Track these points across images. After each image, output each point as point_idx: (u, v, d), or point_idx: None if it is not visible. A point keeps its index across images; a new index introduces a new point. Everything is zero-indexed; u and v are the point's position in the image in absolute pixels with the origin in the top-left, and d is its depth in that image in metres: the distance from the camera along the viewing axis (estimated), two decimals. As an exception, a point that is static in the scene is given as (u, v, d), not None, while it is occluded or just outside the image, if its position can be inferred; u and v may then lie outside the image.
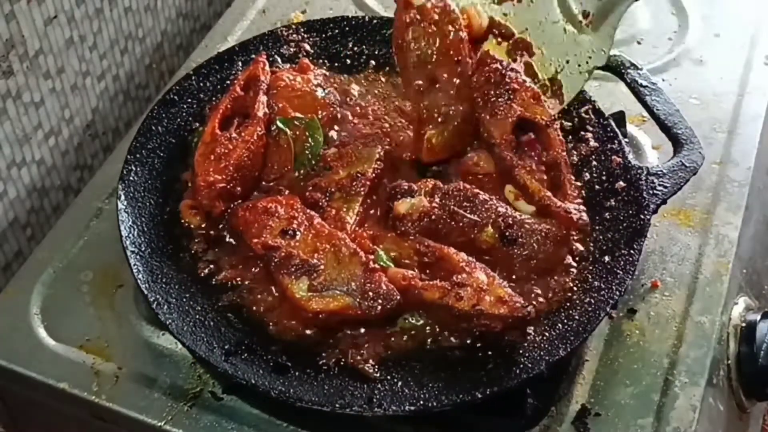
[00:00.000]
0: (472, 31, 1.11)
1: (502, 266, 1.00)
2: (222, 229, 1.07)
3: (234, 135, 1.09)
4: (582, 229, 1.04)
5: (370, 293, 0.95)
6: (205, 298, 1.01)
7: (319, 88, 1.16)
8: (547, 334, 0.96)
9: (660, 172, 1.09)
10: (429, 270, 0.99)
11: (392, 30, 1.09)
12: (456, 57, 1.08)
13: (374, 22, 1.28)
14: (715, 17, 1.44)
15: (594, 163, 1.12)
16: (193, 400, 1.00)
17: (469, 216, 1.02)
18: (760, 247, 1.26)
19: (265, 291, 1.01)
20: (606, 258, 1.03)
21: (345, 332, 0.97)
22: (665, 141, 1.14)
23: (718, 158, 1.24)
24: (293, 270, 0.98)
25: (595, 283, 1.00)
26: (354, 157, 1.09)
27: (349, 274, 0.97)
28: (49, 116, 1.22)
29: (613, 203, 1.08)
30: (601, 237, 1.05)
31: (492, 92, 1.07)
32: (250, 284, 1.02)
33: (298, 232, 1.00)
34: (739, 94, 1.32)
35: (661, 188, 1.08)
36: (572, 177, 1.09)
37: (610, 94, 1.21)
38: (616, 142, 1.13)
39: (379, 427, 0.98)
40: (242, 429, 0.98)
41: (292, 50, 1.24)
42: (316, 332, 0.98)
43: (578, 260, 1.03)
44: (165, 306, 0.99)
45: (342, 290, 0.96)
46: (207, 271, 1.04)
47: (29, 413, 1.13)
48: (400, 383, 0.94)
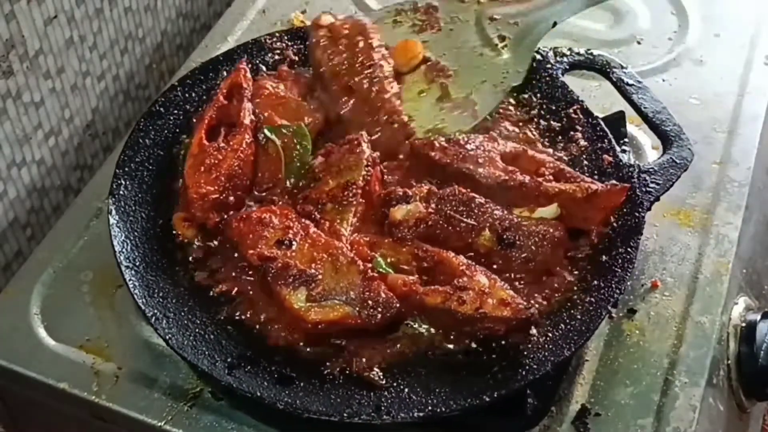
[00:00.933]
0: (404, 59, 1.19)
1: (501, 269, 1.00)
2: (216, 241, 1.05)
3: (222, 145, 1.08)
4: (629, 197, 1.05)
5: (370, 302, 0.94)
6: (204, 312, 1.00)
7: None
8: (550, 334, 0.96)
9: (651, 170, 1.09)
10: (428, 275, 0.99)
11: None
12: (368, 63, 1.15)
13: None
14: (715, 17, 1.44)
15: (585, 162, 1.12)
16: (193, 400, 1.00)
17: (466, 220, 1.02)
18: (760, 247, 1.26)
19: (263, 302, 1.00)
20: (604, 257, 1.02)
21: (347, 340, 0.96)
22: (665, 141, 1.14)
23: (718, 158, 1.24)
24: (291, 281, 0.97)
25: (595, 282, 1.00)
26: (341, 166, 1.07)
27: (347, 282, 0.96)
28: (49, 116, 1.22)
29: None
30: (596, 236, 1.04)
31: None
32: (248, 296, 1.01)
33: (294, 242, 0.99)
34: (739, 94, 1.32)
35: (653, 185, 1.08)
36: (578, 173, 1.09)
37: (609, 94, 1.21)
38: (605, 141, 1.13)
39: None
40: (242, 429, 0.98)
41: (276, 58, 1.23)
42: (318, 342, 0.97)
43: (577, 260, 1.03)
44: (164, 321, 0.98)
45: (341, 299, 0.95)
46: (204, 284, 1.03)
47: (29, 413, 1.13)
48: (406, 390, 0.93)
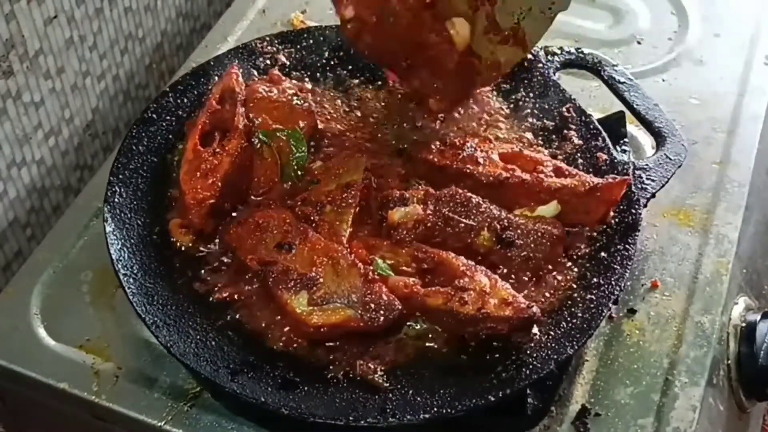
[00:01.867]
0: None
1: (501, 269, 1.00)
2: (214, 246, 1.05)
3: (217, 150, 1.08)
4: (628, 186, 1.05)
5: (372, 304, 0.94)
6: (204, 318, 1.00)
7: (294, 98, 1.15)
8: (552, 333, 0.96)
9: (646, 167, 1.10)
10: (428, 276, 0.98)
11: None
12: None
13: None
14: (715, 17, 1.44)
15: (580, 160, 1.12)
16: (193, 400, 1.00)
17: (464, 221, 1.02)
18: (760, 247, 1.26)
19: (263, 307, 0.99)
20: (602, 254, 1.03)
21: (350, 344, 0.96)
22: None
23: (718, 158, 1.24)
24: (291, 285, 0.96)
25: (594, 280, 1.01)
26: (341, 169, 1.07)
27: (348, 285, 0.96)
28: (49, 116, 1.22)
29: None
30: (595, 234, 1.05)
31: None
32: (248, 301, 1.00)
33: (293, 246, 0.99)
34: (739, 94, 1.32)
35: (649, 182, 1.09)
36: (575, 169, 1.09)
37: (609, 94, 1.21)
38: (600, 138, 1.13)
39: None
40: (242, 429, 0.98)
41: (267, 62, 1.23)
42: (320, 346, 0.96)
43: (576, 258, 1.03)
44: (164, 329, 0.97)
45: (342, 303, 0.95)
46: (203, 289, 1.02)
47: (29, 413, 1.13)
48: (411, 391, 0.93)
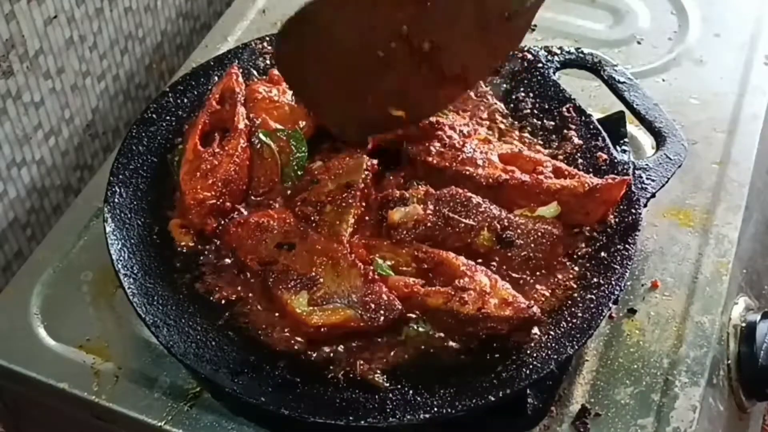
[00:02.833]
0: None
1: (501, 268, 1.00)
2: (214, 246, 1.04)
3: (217, 150, 1.08)
4: (628, 186, 1.05)
5: (372, 304, 0.94)
6: (204, 318, 0.99)
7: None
8: (552, 333, 0.96)
9: (646, 166, 1.10)
10: (428, 276, 0.98)
11: None
12: None
13: None
14: (715, 17, 1.44)
15: (580, 160, 1.12)
16: (193, 400, 1.00)
17: (464, 221, 1.02)
18: (760, 247, 1.26)
19: (264, 307, 0.99)
20: (602, 254, 1.02)
21: (350, 344, 0.96)
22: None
23: (718, 158, 1.24)
24: (291, 285, 0.96)
25: (594, 280, 1.00)
26: (341, 169, 1.07)
27: (349, 285, 0.96)
28: (49, 116, 1.22)
29: None
30: (595, 234, 1.05)
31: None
32: (248, 301, 1.00)
33: (293, 246, 0.99)
34: (739, 94, 1.32)
35: (649, 182, 1.08)
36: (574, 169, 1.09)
37: (609, 94, 1.21)
38: (600, 138, 1.13)
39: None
40: (242, 429, 0.98)
41: (267, 62, 1.23)
42: (320, 346, 0.96)
43: (576, 258, 1.03)
44: (164, 329, 0.97)
45: (343, 303, 0.95)
46: (203, 289, 1.02)
47: (29, 413, 1.13)
48: (411, 391, 0.93)
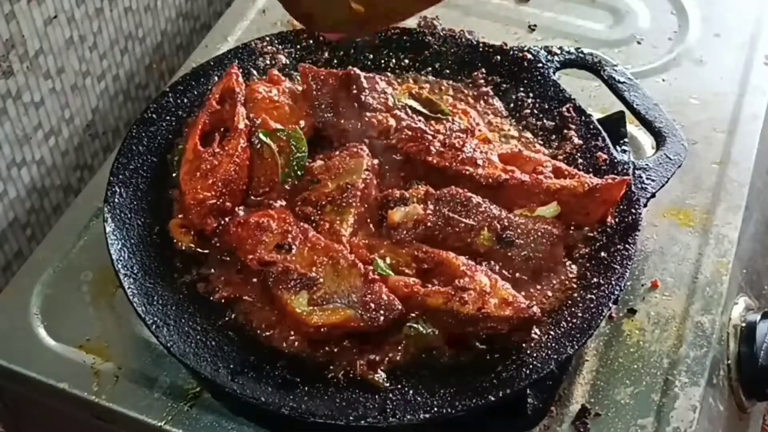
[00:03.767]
0: None
1: (501, 268, 1.00)
2: (214, 246, 1.04)
3: (217, 150, 1.08)
4: (628, 186, 1.05)
5: (372, 304, 0.94)
6: (204, 318, 1.00)
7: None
8: (552, 333, 0.96)
9: (646, 166, 1.10)
10: (428, 276, 0.98)
11: None
12: None
13: None
14: (715, 17, 1.44)
15: (580, 160, 1.12)
16: (193, 400, 1.00)
17: (464, 220, 1.02)
18: (760, 247, 1.26)
19: (264, 307, 0.99)
20: (602, 254, 1.03)
21: (350, 344, 0.96)
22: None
23: (718, 158, 1.24)
24: (291, 285, 0.96)
25: (594, 280, 1.00)
26: (342, 169, 1.07)
27: (348, 285, 0.96)
28: (49, 116, 1.22)
29: None
30: (595, 234, 1.05)
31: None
32: (248, 301, 1.00)
33: (293, 246, 0.99)
34: (739, 94, 1.32)
35: (649, 182, 1.08)
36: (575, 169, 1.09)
37: (609, 94, 1.21)
38: (599, 138, 1.13)
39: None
40: (242, 429, 0.98)
41: (267, 62, 1.23)
42: (320, 346, 0.96)
43: (576, 258, 1.03)
44: (164, 329, 0.97)
45: (343, 303, 0.95)
46: (203, 290, 1.02)
47: (29, 413, 1.13)
48: (411, 391, 0.93)
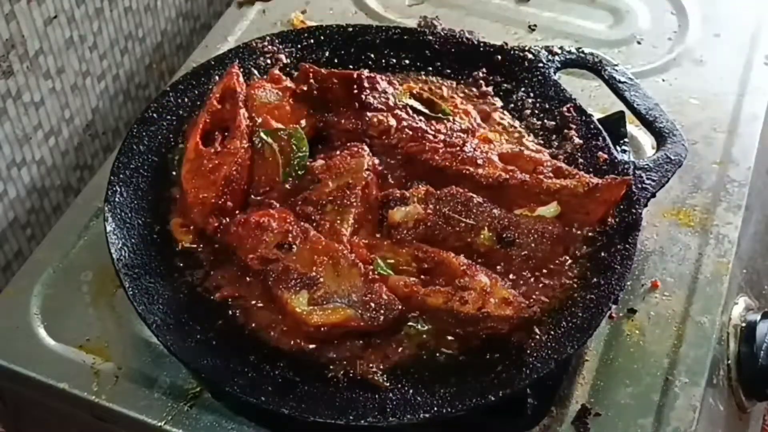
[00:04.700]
0: None
1: (501, 268, 1.00)
2: (214, 246, 1.04)
3: (219, 149, 1.07)
4: (628, 186, 1.04)
5: (372, 304, 0.94)
6: (205, 318, 0.99)
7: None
8: (552, 332, 0.96)
9: (647, 166, 1.09)
10: (429, 276, 0.98)
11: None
12: None
13: (349, 30, 1.26)
14: (715, 17, 1.44)
15: (580, 160, 1.12)
16: (193, 400, 1.00)
17: (465, 220, 1.02)
18: (760, 247, 1.26)
19: (264, 306, 0.99)
20: (602, 254, 1.02)
21: (350, 343, 0.96)
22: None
23: (718, 158, 1.24)
24: (292, 284, 0.96)
25: (595, 280, 1.00)
26: (342, 168, 1.06)
27: (349, 285, 0.96)
28: (49, 116, 1.22)
29: None
30: (595, 234, 1.04)
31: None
32: (248, 300, 1.00)
33: (294, 246, 0.99)
34: (739, 94, 1.32)
35: (649, 182, 1.08)
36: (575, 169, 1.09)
37: (609, 94, 1.21)
38: (600, 138, 1.13)
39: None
40: (242, 429, 0.98)
41: (268, 62, 1.22)
42: (320, 345, 0.96)
43: (576, 258, 1.03)
44: (165, 328, 0.97)
45: (343, 302, 0.95)
46: (203, 289, 1.02)
47: (29, 413, 1.13)
48: (411, 391, 0.93)
